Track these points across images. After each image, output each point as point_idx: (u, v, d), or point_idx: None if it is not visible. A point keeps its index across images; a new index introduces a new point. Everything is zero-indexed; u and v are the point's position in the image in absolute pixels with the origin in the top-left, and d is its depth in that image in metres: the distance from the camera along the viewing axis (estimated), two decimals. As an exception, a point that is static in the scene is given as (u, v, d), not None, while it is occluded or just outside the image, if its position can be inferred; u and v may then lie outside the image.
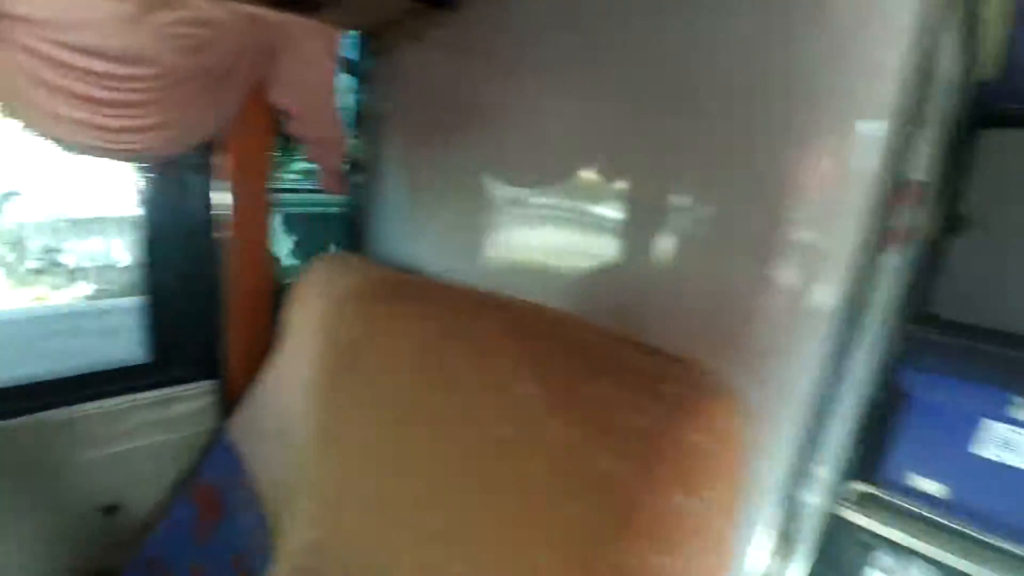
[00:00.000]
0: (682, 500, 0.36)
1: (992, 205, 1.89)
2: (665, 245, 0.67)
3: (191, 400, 1.52)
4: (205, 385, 1.54)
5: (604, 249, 0.74)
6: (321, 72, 1.20)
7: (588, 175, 0.76)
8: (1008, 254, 1.88)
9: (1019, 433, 1.52)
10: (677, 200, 0.65)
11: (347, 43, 1.29)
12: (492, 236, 0.96)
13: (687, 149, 0.63)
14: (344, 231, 1.41)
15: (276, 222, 1.48)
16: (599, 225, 0.75)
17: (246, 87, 1.13)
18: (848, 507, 1.74)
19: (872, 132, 0.58)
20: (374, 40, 1.22)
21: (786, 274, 0.60)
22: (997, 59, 1.37)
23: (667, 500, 0.35)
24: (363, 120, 1.33)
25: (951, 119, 1.74)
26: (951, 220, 1.95)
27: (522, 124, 0.86)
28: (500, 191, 0.93)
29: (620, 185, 0.71)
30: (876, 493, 1.72)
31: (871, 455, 1.84)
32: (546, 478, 0.40)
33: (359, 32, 1.22)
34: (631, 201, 0.70)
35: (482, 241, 0.98)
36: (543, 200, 0.84)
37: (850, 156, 0.58)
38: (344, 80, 1.35)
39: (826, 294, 0.62)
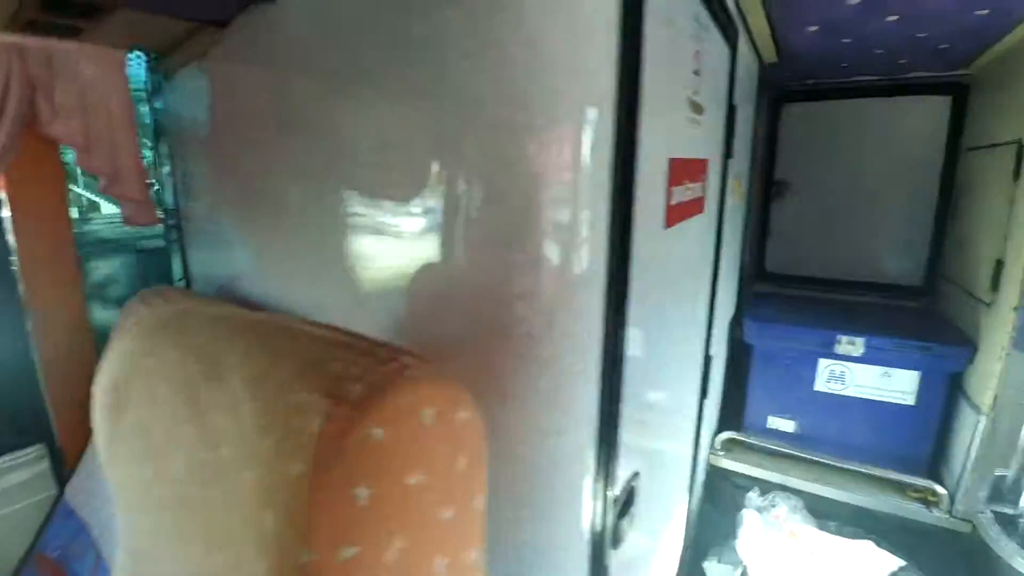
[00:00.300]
0: (365, 492, 0.37)
1: (801, 170, 2.16)
2: (443, 245, 0.70)
3: (23, 468, 1.37)
4: (35, 451, 1.39)
5: (385, 255, 0.75)
6: (106, 99, 1.10)
7: (360, 183, 0.77)
8: (820, 211, 2.15)
9: (845, 366, 1.75)
10: (435, 202, 0.67)
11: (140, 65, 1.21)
12: (288, 251, 0.95)
13: (439, 153, 0.65)
14: (166, 263, 1.32)
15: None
16: (378, 231, 0.76)
17: (17, 124, 1.01)
18: (721, 455, 1.90)
19: (603, 118, 0.63)
20: (162, 60, 1.15)
21: (549, 256, 0.64)
22: (772, 46, 1.57)
23: (346, 495, 0.36)
24: (168, 144, 1.25)
25: (756, 99, 1.97)
26: (772, 186, 2.20)
27: (299, 135, 0.86)
28: (289, 205, 0.92)
29: (390, 191, 0.72)
30: (742, 439, 1.89)
31: (734, 406, 2.04)
32: (253, 490, 0.40)
33: (145, 52, 1.15)
34: (401, 206, 0.71)
35: (281, 257, 0.97)
36: (328, 211, 0.84)
37: (588, 142, 0.63)
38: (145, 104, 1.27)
39: (592, 271, 0.67)
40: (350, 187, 0.79)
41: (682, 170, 0.97)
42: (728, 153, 1.36)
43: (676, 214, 0.97)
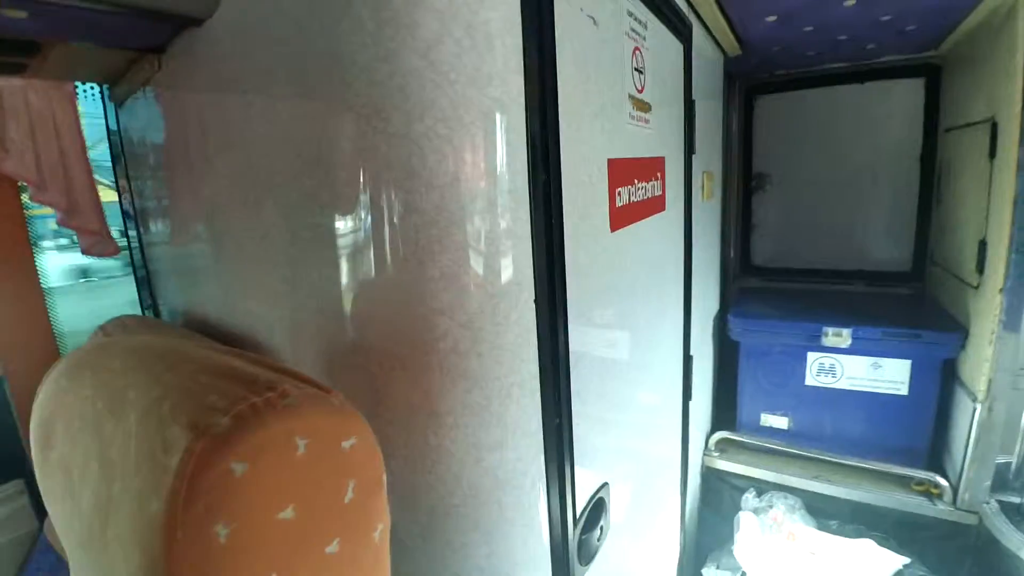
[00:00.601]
0: (225, 531, 0.35)
1: (780, 162, 2.12)
2: (365, 261, 0.68)
3: (2, 505, 1.37)
4: (13, 486, 1.38)
5: (312, 274, 0.74)
6: (58, 132, 1.11)
7: (285, 201, 0.76)
8: (803, 202, 2.12)
9: (835, 359, 1.70)
10: (354, 219, 0.66)
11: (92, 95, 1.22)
12: (232, 272, 0.94)
13: (354, 169, 0.64)
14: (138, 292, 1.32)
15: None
16: (304, 249, 0.74)
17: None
18: (716, 456, 1.86)
19: (512, 123, 0.61)
20: (112, 89, 1.16)
21: (468, 269, 0.62)
22: (732, 39, 1.55)
23: (205, 533, 0.34)
24: (125, 172, 1.25)
25: (724, 93, 1.94)
26: (751, 180, 2.17)
27: (232, 154, 0.85)
28: (228, 225, 0.91)
29: (313, 209, 0.71)
30: (736, 438, 1.85)
31: (727, 405, 1.99)
32: (130, 529, 0.39)
33: (95, 83, 1.15)
34: (324, 224, 0.70)
35: (227, 278, 0.96)
36: (260, 230, 0.83)
37: (498, 148, 0.61)
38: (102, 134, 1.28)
39: (517, 281, 0.65)
40: (277, 205, 0.78)
41: (627, 170, 0.95)
42: (690, 149, 1.33)
43: (625, 215, 0.94)
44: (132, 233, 1.36)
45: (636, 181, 0.99)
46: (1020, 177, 1.25)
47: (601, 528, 0.92)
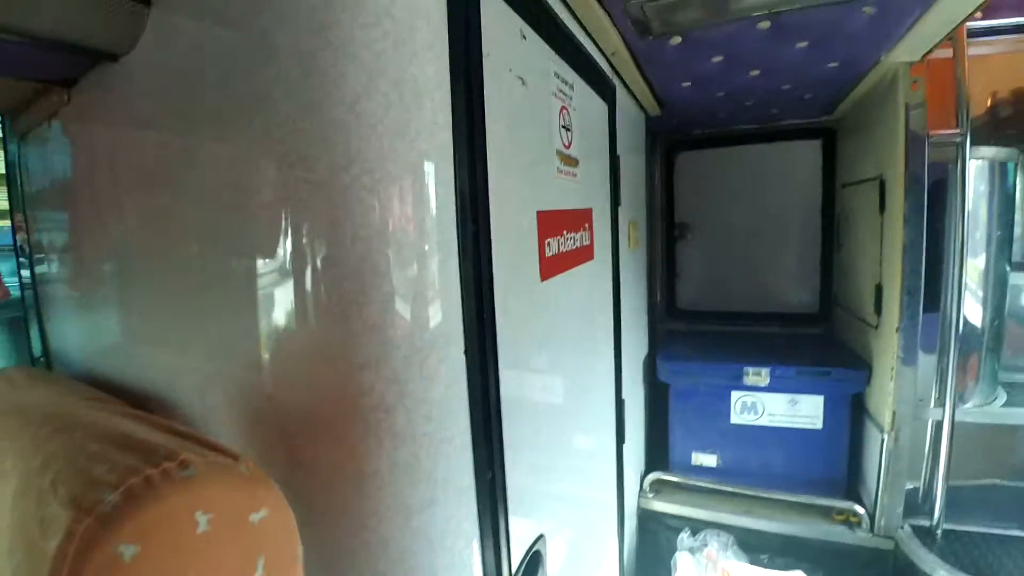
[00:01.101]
0: None
1: (700, 212, 2.29)
2: (286, 313, 0.65)
3: None
4: None
5: (232, 324, 0.70)
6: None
7: (202, 246, 0.72)
8: (721, 249, 2.28)
9: (756, 397, 1.79)
10: (277, 268, 0.63)
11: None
12: (139, 320, 0.88)
13: (277, 216, 0.62)
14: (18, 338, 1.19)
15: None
16: (222, 297, 0.71)
17: None
18: (651, 497, 1.87)
19: (441, 175, 0.62)
20: (14, 120, 1.07)
21: (393, 322, 0.60)
22: (652, 100, 1.68)
23: None
24: (23, 208, 1.15)
25: (646, 149, 2.09)
26: (674, 229, 2.31)
27: (144, 194, 0.81)
28: (138, 269, 0.86)
29: (232, 256, 0.68)
30: (669, 478, 1.88)
31: (659, 446, 2.03)
32: None
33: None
34: (245, 271, 0.67)
35: (132, 326, 0.89)
36: (174, 275, 0.78)
37: (426, 200, 0.61)
38: None
39: (445, 333, 0.64)
40: (191, 251, 0.74)
41: (556, 221, 0.98)
42: (616, 201, 1.41)
43: (555, 265, 0.97)
44: (25, 273, 1.24)
45: (565, 232, 1.03)
46: (906, 228, 1.41)
47: (538, 582, 0.89)
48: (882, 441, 1.53)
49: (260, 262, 0.64)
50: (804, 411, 1.73)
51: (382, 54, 0.57)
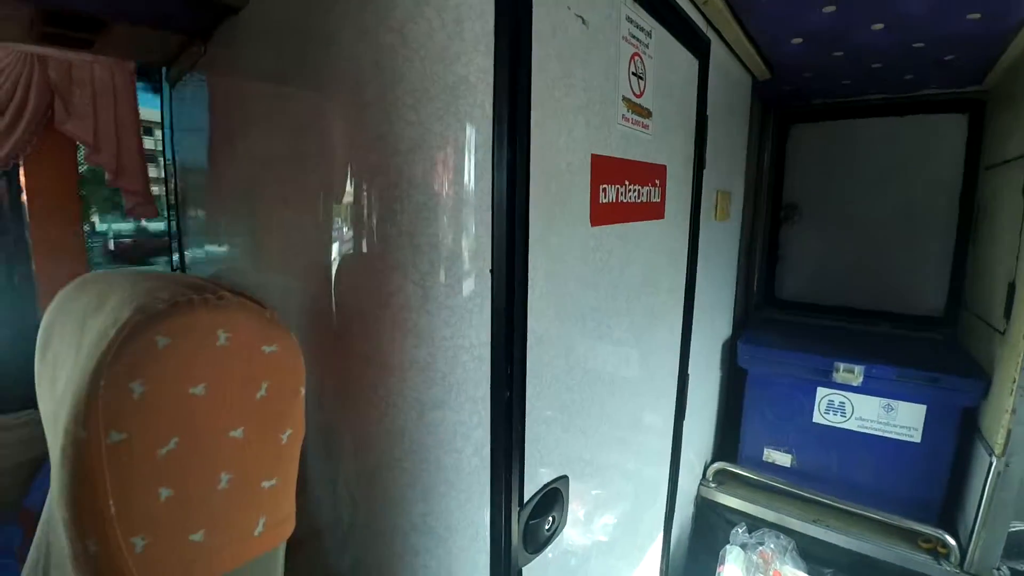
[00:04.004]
0: (140, 388, 0.41)
1: (813, 193, 2.07)
2: (341, 221, 0.74)
3: (18, 429, 1.50)
4: (28, 414, 1.52)
5: (297, 252, 0.81)
6: (116, 102, 1.25)
7: (274, 191, 0.85)
8: (834, 236, 2.05)
9: (845, 396, 1.63)
10: (322, 189, 0.73)
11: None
12: (239, 245, 1.04)
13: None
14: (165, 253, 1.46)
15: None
16: (291, 232, 0.82)
17: (35, 121, 1.17)
18: (713, 487, 1.80)
19: (480, 93, 0.66)
20: (170, 69, 1.29)
21: (424, 233, 0.66)
22: (759, 61, 1.55)
23: (121, 388, 0.41)
24: (172, 146, 1.39)
25: (750, 116, 1.92)
26: (780, 209, 2.12)
27: (246, 142, 0.95)
28: (238, 205, 1.01)
29: (295, 200, 0.79)
30: (735, 471, 1.79)
31: (731, 435, 1.92)
32: (70, 386, 0.45)
33: (154, 64, 1.29)
34: (306, 212, 0.78)
35: (238, 250, 1.06)
36: (261, 212, 0.92)
37: (464, 121, 0.66)
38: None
39: (478, 241, 0.69)
40: (277, 184, 0.86)
41: (616, 169, 0.97)
42: (700, 164, 1.34)
43: (610, 213, 0.96)
44: (172, 200, 1.50)
45: (627, 182, 1.01)
46: (1053, 218, 1.18)
47: (553, 518, 0.92)
48: (990, 465, 1.32)
49: (321, 180, 0.73)
50: (901, 420, 1.54)
51: (429, -19, 0.62)
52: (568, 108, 0.82)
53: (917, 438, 1.51)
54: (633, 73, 0.98)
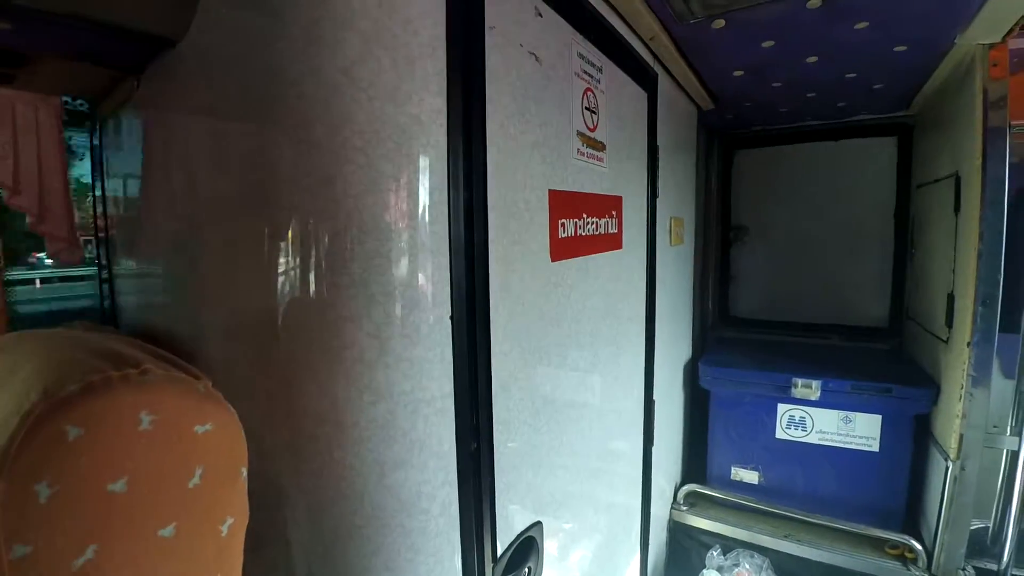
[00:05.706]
0: (47, 491, 0.35)
1: (759, 214, 2.15)
2: (289, 267, 0.69)
3: None
4: None
5: (236, 286, 0.75)
6: (39, 141, 1.15)
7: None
8: (782, 254, 2.13)
9: (805, 411, 1.66)
10: (270, 231, 0.68)
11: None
12: (173, 287, 0.97)
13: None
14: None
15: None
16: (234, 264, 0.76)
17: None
18: (685, 510, 1.78)
19: (434, 133, 0.64)
20: (97, 106, 1.21)
21: (376, 281, 0.62)
22: (703, 92, 1.61)
23: (25, 490, 0.34)
24: (102, 185, 1.29)
25: (697, 145, 1.99)
26: (730, 231, 2.19)
27: (183, 179, 0.89)
28: (168, 243, 0.94)
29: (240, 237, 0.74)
30: (706, 492, 1.78)
31: (699, 456, 1.93)
32: None
33: (80, 98, 1.21)
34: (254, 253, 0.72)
35: (179, 293, 0.98)
36: (200, 249, 0.86)
37: (419, 162, 0.63)
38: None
39: (436, 287, 0.65)
40: (219, 218, 0.80)
41: (573, 203, 0.96)
42: (654, 193, 1.36)
43: (570, 247, 0.95)
44: (100, 243, 1.38)
45: (585, 215, 1.01)
46: (983, 229, 1.26)
47: (529, 569, 0.88)
48: (947, 470, 1.36)
49: (270, 222, 0.68)
50: (859, 430, 1.58)
51: (378, 21, 0.60)
52: (524, 145, 0.81)
53: (876, 447, 1.56)
54: (586, 107, 0.99)
